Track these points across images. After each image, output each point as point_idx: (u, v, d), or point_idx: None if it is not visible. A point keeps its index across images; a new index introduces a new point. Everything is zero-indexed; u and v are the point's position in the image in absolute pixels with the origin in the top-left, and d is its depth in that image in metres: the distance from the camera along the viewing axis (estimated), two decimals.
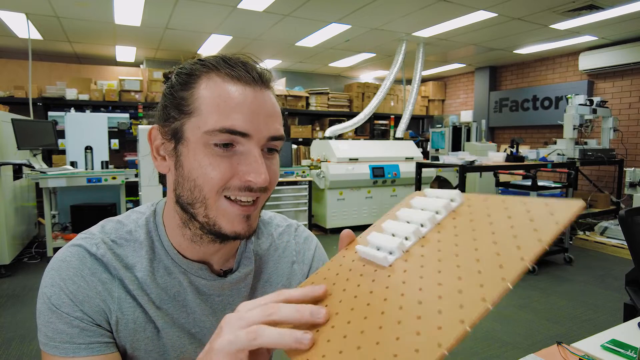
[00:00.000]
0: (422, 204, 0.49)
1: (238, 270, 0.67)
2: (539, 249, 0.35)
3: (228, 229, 0.57)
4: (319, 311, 0.40)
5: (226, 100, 0.54)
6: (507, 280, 0.34)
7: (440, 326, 0.33)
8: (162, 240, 0.64)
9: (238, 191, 0.56)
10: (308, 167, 5.30)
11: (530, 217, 0.39)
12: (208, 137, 0.54)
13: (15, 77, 5.89)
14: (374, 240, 0.47)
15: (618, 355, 0.97)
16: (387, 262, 0.44)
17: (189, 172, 0.56)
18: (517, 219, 0.40)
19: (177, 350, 0.63)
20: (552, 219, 0.37)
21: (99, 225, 0.65)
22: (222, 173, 0.54)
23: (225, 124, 0.53)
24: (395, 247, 0.44)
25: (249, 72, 0.56)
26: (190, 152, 0.56)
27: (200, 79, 0.56)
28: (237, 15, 4.67)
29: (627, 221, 1.34)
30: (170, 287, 0.63)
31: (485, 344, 2.51)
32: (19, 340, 2.50)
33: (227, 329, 0.41)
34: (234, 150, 0.55)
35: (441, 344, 0.32)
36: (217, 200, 0.56)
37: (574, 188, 5.00)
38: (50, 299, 0.57)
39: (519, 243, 0.37)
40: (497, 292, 0.33)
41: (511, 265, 0.35)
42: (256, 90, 0.56)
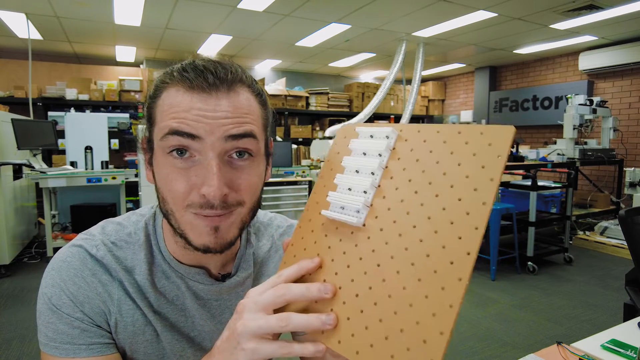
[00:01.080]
0: (361, 146, 0.49)
1: (237, 275, 0.67)
2: (494, 188, 0.37)
3: (197, 242, 0.55)
4: (326, 287, 0.43)
5: (174, 106, 0.53)
6: (480, 229, 0.36)
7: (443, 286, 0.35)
8: (160, 244, 0.64)
9: (199, 209, 0.53)
10: (308, 167, 5.30)
11: (472, 150, 0.40)
12: (162, 144, 0.53)
13: (15, 77, 5.89)
14: (335, 200, 0.47)
15: (618, 355, 0.97)
16: (360, 222, 0.44)
17: (158, 184, 0.57)
18: (460, 154, 0.41)
19: (177, 354, 0.63)
20: (493, 151, 0.38)
21: (99, 226, 0.65)
22: (180, 186, 0.53)
23: (171, 127, 0.52)
24: (360, 205, 0.44)
25: (205, 78, 0.53)
26: (157, 162, 0.56)
27: (164, 91, 0.55)
28: (237, 15, 4.67)
29: (627, 221, 1.34)
30: (168, 291, 0.63)
31: (485, 344, 2.51)
32: (19, 340, 2.50)
33: (248, 314, 0.44)
34: (192, 161, 0.53)
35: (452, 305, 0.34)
36: (183, 215, 0.55)
37: (574, 188, 5.00)
38: (50, 300, 0.57)
39: (474, 184, 0.38)
40: (475, 242, 0.36)
41: (478, 212, 0.37)
42: (211, 95, 0.53)
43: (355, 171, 0.48)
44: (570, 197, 4.27)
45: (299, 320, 0.41)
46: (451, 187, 0.39)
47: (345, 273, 0.43)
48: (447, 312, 0.34)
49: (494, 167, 0.38)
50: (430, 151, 0.43)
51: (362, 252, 0.43)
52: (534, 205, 3.74)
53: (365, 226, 0.44)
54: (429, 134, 0.44)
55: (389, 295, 0.38)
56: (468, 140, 0.41)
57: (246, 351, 0.43)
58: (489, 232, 3.74)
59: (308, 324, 0.41)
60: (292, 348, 0.42)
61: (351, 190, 0.46)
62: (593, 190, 5.48)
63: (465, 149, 0.40)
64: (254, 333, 0.42)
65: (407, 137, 0.46)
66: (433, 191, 0.40)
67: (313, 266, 0.46)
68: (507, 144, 0.38)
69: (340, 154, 0.51)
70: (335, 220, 0.47)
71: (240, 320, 0.43)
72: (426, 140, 0.44)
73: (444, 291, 0.35)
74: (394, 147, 0.46)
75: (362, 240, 0.44)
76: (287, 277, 0.45)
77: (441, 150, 0.42)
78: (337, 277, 0.43)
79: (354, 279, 0.42)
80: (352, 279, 0.42)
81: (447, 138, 0.42)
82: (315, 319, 0.41)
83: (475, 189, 0.38)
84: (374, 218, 0.44)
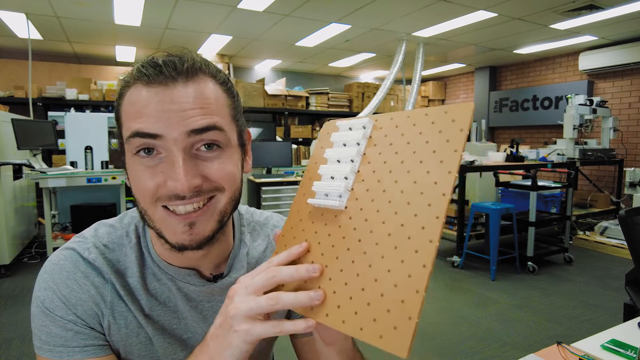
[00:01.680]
0: (341, 138, 0.53)
1: (229, 275, 0.66)
2: (458, 158, 0.41)
3: (172, 239, 0.55)
4: (313, 267, 0.45)
5: (134, 104, 0.52)
6: (447, 195, 0.40)
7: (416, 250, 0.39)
8: (149, 246, 0.63)
9: (168, 201, 0.52)
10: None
11: (438, 128, 0.44)
12: (129, 146, 0.53)
13: (15, 77, 5.89)
14: (319, 189, 0.51)
15: (618, 355, 0.97)
16: (342, 205, 0.48)
17: (131, 184, 0.56)
18: (428, 133, 0.45)
19: (169, 357, 0.63)
20: (456, 126, 0.43)
21: (92, 228, 0.64)
22: (148, 183, 0.52)
23: (133, 128, 0.51)
24: (342, 190, 0.48)
25: (161, 72, 0.52)
26: (128, 163, 0.56)
27: (126, 91, 0.54)
28: (237, 15, 4.67)
29: (627, 221, 1.34)
30: (160, 293, 0.62)
31: (485, 344, 2.51)
32: (19, 340, 2.50)
33: (238, 297, 0.45)
34: (159, 158, 0.52)
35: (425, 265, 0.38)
36: (155, 212, 0.54)
37: (574, 188, 5.00)
38: (43, 303, 0.57)
39: (440, 157, 0.42)
40: (443, 207, 0.39)
41: (444, 180, 0.41)
42: (168, 88, 0.52)
43: (337, 161, 0.51)
44: (570, 197, 4.27)
45: (288, 297, 0.43)
46: (420, 163, 0.43)
47: (330, 252, 0.46)
48: (421, 271, 0.37)
49: (457, 140, 0.42)
50: (402, 134, 0.47)
51: (345, 232, 0.46)
52: (534, 205, 3.74)
53: (347, 208, 0.48)
54: (400, 119, 0.49)
55: (370, 265, 0.42)
56: (434, 120, 0.45)
57: (239, 333, 0.44)
58: (489, 232, 3.74)
59: (297, 300, 0.42)
60: (284, 326, 0.43)
61: (334, 178, 0.50)
62: (593, 190, 5.48)
63: (432, 127, 0.45)
64: (245, 314, 0.43)
65: (381, 125, 0.50)
66: (405, 168, 0.45)
67: (301, 250, 0.48)
68: (467, 119, 0.42)
69: (324, 148, 0.55)
70: (321, 207, 0.50)
71: (232, 304, 0.44)
72: (398, 126, 0.48)
73: (417, 253, 0.38)
74: (370, 135, 0.51)
75: (345, 221, 0.47)
76: (278, 262, 0.46)
77: (411, 132, 0.47)
78: (323, 257, 0.46)
79: (339, 256, 0.45)
80: (337, 256, 0.45)
81: (416, 121, 0.47)
82: (304, 295, 0.42)
83: (441, 161, 0.42)
84: (354, 200, 0.48)
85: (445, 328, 2.72)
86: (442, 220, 0.38)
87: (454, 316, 2.90)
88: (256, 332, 0.43)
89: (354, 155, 0.50)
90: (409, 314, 0.37)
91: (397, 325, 0.37)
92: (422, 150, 0.44)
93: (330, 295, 0.43)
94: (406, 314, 0.37)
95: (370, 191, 0.46)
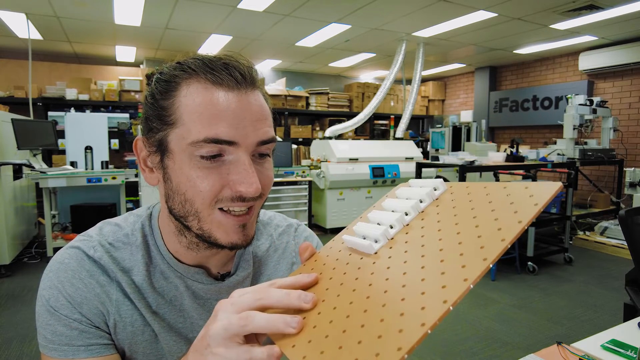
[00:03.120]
0: (406, 193, 0.50)
1: (236, 274, 0.67)
2: (519, 229, 0.37)
3: (224, 240, 0.55)
4: (306, 296, 0.41)
5: (208, 107, 0.51)
6: (488, 260, 0.35)
7: (423, 306, 0.34)
8: (158, 244, 0.63)
9: (230, 202, 0.53)
10: (308, 167, 5.30)
11: (511, 200, 0.41)
12: (193, 149, 0.51)
13: (15, 77, 5.89)
14: (360, 230, 0.48)
15: (618, 355, 0.97)
16: (372, 249, 0.45)
17: (177, 186, 0.54)
18: (497, 202, 0.41)
19: (175, 355, 0.63)
20: (531, 200, 0.39)
21: (97, 227, 0.64)
22: (212, 185, 0.52)
23: (209, 134, 0.50)
24: (380, 235, 0.45)
25: (232, 75, 0.52)
26: (177, 164, 0.53)
27: (180, 86, 0.53)
28: (237, 15, 4.67)
29: (627, 221, 1.34)
30: (166, 291, 0.62)
31: (485, 344, 2.51)
32: (19, 340, 2.50)
33: (221, 314, 0.42)
34: (222, 160, 0.52)
35: (425, 323, 0.32)
36: (211, 214, 0.54)
37: (574, 188, 5.00)
38: (48, 302, 0.57)
39: (500, 225, 0.38)
40: (478, 272, 0.34)
41: (492, 246, 0.37)
42: (240, 93, 0.53)
43: (392, 211, 0.49)
44: (570, 197, 4.27)
45: (261, 319, 0.39)
46: (476, 227, 0.40)
47: (335, 289, 0.43)
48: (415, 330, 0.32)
49: (527, 212, 0.38)
50: (470, 200, 0.44)
51: (361, 274, 0.43)
52: None
53: (376, 254, 0.45)
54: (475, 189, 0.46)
55: (365, 310, 0.37)
56: (510, 192, 0.42)
57: (215, 356, 0.41)
58: None
59: (270, 325, 0.39)
60: (253, 352, 0.39)
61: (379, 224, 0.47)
62: (593, 190, 5.48)
63: (505, 199, 0.41)
64: (222, 335, 0.40)
65: (453, 190, 0.47)
66: (456, 229, 0.41)
67: (308, 281, 0.44)
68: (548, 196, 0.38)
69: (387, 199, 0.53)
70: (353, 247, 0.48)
71: (214, 322, 0.42)
72: (470, 193, 0.45)
73: (423, 310, 0.34)
74: (438, 197, 0.48)
75: (367, 264, 0.44)
76: (279, 285, 0.43)
77: (480, 198, 0.43)
78: (326, 292, 0.43)
79: (340, 294, 0.41)
80: (339, 294, 0.42)
81: (491, 191, 0.43)
82: (279, 319, 0.39)
83: (499, 228, 0.38)
84: (388, 248, 0.44)
85: (445, 328, 2.72)
86: (470, 285, 0.34)
87: (454, 316, 2.90)
88: (229, 357, 0.40)
89: (409, 208, 0.47)
90: None
91: None
92: (483, 216, 0.40)
93: (309, 329, 0.39)
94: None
95: (408, 243, 0.43)
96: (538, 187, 0.40)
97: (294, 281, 0.44)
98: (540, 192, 0.39)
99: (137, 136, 0.60)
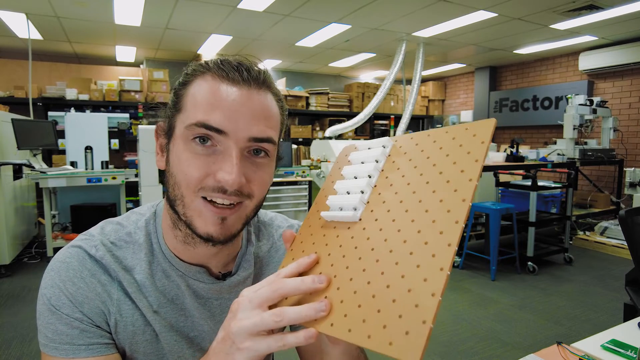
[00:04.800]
0: (359, 157, 0.52)
1: (237, 274, 0.67)
2: (479, 167, 0.41)
3: (201, 229, 0.56)
4: (320, 278, 0.43)
5: (208, 96, 0.54)
6: (467, 201, 0.39)
7: (434, 254, 0.37)
8: (160, 242, 0.63)
9: (212, 192, 0.54)
10: (308, 167, 5.30)
11: (458, 142, 0.44)
12: (187, 132, 0.54)
13: (15, 77, 5.89)
14: (334, 203, 0.50)
15: (618, 355, 0.97)
16: (356, 217, 0.47)
17: (172, 168, 0.57)
18: (448, 147, 0.45)
19: (175, 355, 0.63)
20: (477, 139, 0.43)
21: (99, 226, 0.64)
22: (197, 170, 0.54)
23: (201, 118, 0.53)
24: (357, 202, 0.47)
25: (239, 72, 0.55)
26: (175, 147, 0.57)
27: (196, 79, 0.57)
28: (237, 15, 4.67)
29: (627, 221, 1.34)
30: (168, 290, 0.62)
31: (485, 344, 2.51)
32: (19, 340, 2.50)
33: (242, 312, 0.43)
34: (213, 149, 0.54)
35: (442, 268, 0.36)
36: (194, 200, 0.55)
37: (574, 188, 5.00)
38: (50, 300, 0.57)
39: (461, 167, 0.42)
40: (463, 213, 0.38)
41: (464, 187, 0.40)
42: (243, 90, 0.55)
43: (354, 177, 0.51)
44: (570, 197, 4.27)
45: (293, 312, 0.41)
46: (440, 174, 0.43)
47: (340, 262, 0.44)
48: (438, 275, 0.35)
49: (478, 151, 0.41)
50: (422, 150, 0.47)
51: (358, 242, 0.45)
52: (534, 206, 3.74)
53: (361, 220, 0.47)
54: (420, 138, 0.49)
55: (382, 272, 0.40)
56: (455, 136, 0.45)
57: (242, 351, 0.42)
58: (489, 232, 3.74)
59: (302, 315, 0.41)
60: (287, 339, 0.41)
61: (349, 193, 0.49)
62: (593, 191, 5.48)
63: (453, 142, 0.44)
64: (249, 331, 0.42)
65: (401, 144, 0.50)
66: (424, 180, 0.44)
67: (310, 261, 0.46)
68: (489, 132, 0.42)
69: (341, 168, 0.54)
70: (334, 220, 0.49)
71: (235, 320, 0.43)
72: (418, 144, 0.48)
73: (435, 257, 0.37)
74: (390, 154, 0.50)
75: (358, 231, 0.46)
76: (285, 275, 0.45)
77: (431, 147, 0.46)
78: (332, 267, 0.45)
79: (349, 265, 0.43)
80: (347, 266, 0.43)
81: (437, 138, 0.46)
82: (310, 309, 0.41)
83: (462, 170, 0.41)
84: (369, 212, 0.46)
85: (445, 328, 2.72)
86: (462, 225, 0.38)
87: (454, 316, 2.90)
88: (260, 349, 0.42)
89: (371, 170, 0.49)
90: (423, 318, 0.34)
91: (409, 330, 0.34)
92: (442, 163, 0.43)
93: (338, 305, 0.41)
94: (420, 318, 0.34)
95: (386, 203, 0.45)
96: (477, 126, 0.43)
97: (297, 266, 0.46)
98: (481, 130, 0.43)
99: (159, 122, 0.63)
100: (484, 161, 0.41)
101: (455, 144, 0.44)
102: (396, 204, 0.44)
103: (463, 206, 0.39)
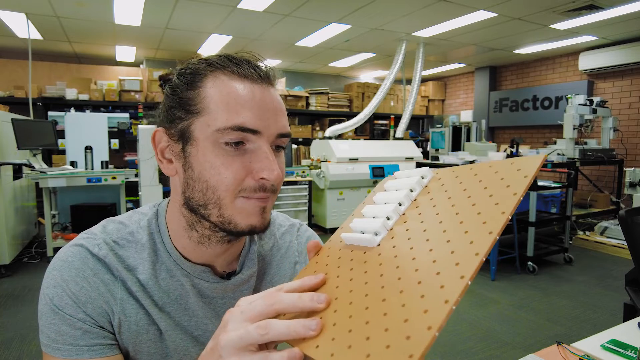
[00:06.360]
0: (395, 185, 0.51)
1: (241, 272, 0.67)
2: (515, 200, 0.38)
3: (244, 223, 0.56)
4: (319, 297, 0.40)
5: (235, 97, 0.54)
6: (494, 233, 0.36)
7: (442, 285, 0.34)
8: (165, 242, 0.63)
9: (253, 192, 0.55)
10: (308, 167, 5.30)
11: (500, 176, 0.42)
12: (218, 136, 0.53)
13: (15, 77, 5.89)
14: (357, 226, 0.48)
15: (618, 355, 0.97)
16: (374, 242, 0.45)
17: (199, 173, 0.55)
18: (488, 180, 0.43)
19: (180, 353, 0.63)
20: (520, 173, 0.41)
21: (101, 225, 0.64)
22: (236, 172, 0.54)
23: (236, 122, 0.53)
24: (379, 227, 0.45)
25: (255, 70, 0.56)
26: (200, 152, 0.55)
27: (207, 78, 0.56)
28: (237, 15, 4.67)
29: (627, 221, 1.34)
30: (172, 289, 0.62)
31: (485, 344, 2.51)
32: (19, 340, 2.50)
33: (232, 324, 0.41)
34: (244, 149, 0.54)
35: (448, 300, 0.33)
36: (233, 201, 0.55)
37: (574, 188, 5.00)
38: (52, 300, 0.56)
39: (496, 200, 0.39)
40: (487, 246, 0.35)
41: (494, 220, 0.38)
42: (262, 87, 0.56)
43: (384, 203, 0.49)
44: (570, 197, 4.27)
45: (281, 326, 0.38)
46: (473, 206, 0.41)
47: (346, 285, 0.42)
48: (441, 307, 0.33)
49: (519, 185, 0.39)
50: (460, 182, 0.45)
51: (369, 267, 0.42)
52: (534, 205, 3.74)
53: (379, 246, 0.44)
54: (461, 170, 0.47)
55: (383, 299, 0.37)
56: (498, 170, 0.43)
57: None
58: None
59: (290, 329, 0.38)
60: (271, 358, 0.38)
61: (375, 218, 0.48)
62: (593, 190, 5.48)
63: (494, 176, 0.43)
64: (235, 345, 0.39)
65: (441, 176, 0.49)
66: (454, 210, 0.42)
67: (316, 282, 0.44)
68: (535, 167, 0.40)
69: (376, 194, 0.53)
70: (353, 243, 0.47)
71: (224, 332, 0.41)
72: (458, 176, 0.46)
73: (442, 289, 0.34)
74: (427, 184, 0.49)
75: (374, 256, 0.43)
76: (287, 289, 0.43)
77: (471, 180, 0.44)
78: (337, 290, 0.42)
79: (353, 289, 0.41)
80: (351, 289, 0.41)
81: (479, 171, 0.45)
82: (298, 324, 0.38)
83: (496, 203, 0.39)
84: (389, 239, 0.44)
85: (446, 328, 2.72)
86: (482, 258, 0.35)
87: (454, 316, 2.90)
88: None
89: (402, 198, 0.47)
90: (410, 352, 0.31)
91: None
92: (478, 195, 0.42)
93: (330, 327, 0.38)
94: (408, 351, 0.31)
95: (409, 231, 0.43)
96: (524, 161, 0.42)
97: (301, 284, 0.43)
98: (526, 165, 0.41)
99: (156, 128, 0.60)
100: (523, 195, 0.38)
101: (496, 177, 0.42)
102: (419, 232, 0.42)
103: (488, 239, 0.36)
